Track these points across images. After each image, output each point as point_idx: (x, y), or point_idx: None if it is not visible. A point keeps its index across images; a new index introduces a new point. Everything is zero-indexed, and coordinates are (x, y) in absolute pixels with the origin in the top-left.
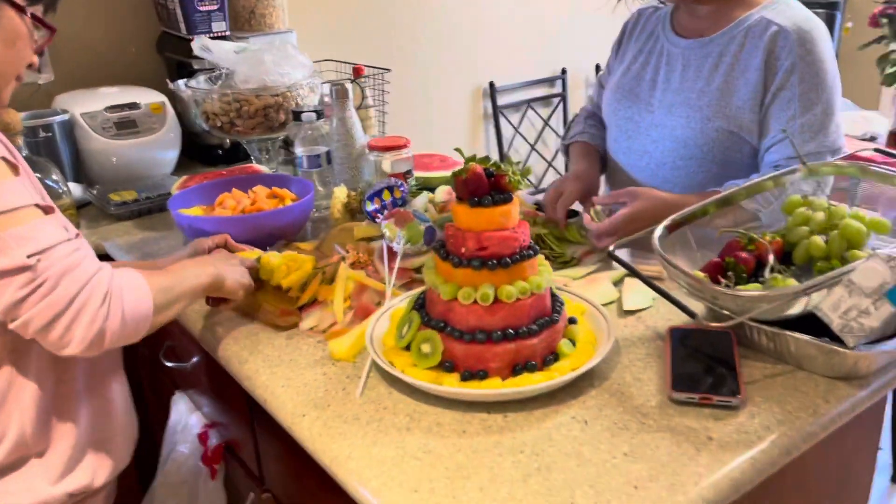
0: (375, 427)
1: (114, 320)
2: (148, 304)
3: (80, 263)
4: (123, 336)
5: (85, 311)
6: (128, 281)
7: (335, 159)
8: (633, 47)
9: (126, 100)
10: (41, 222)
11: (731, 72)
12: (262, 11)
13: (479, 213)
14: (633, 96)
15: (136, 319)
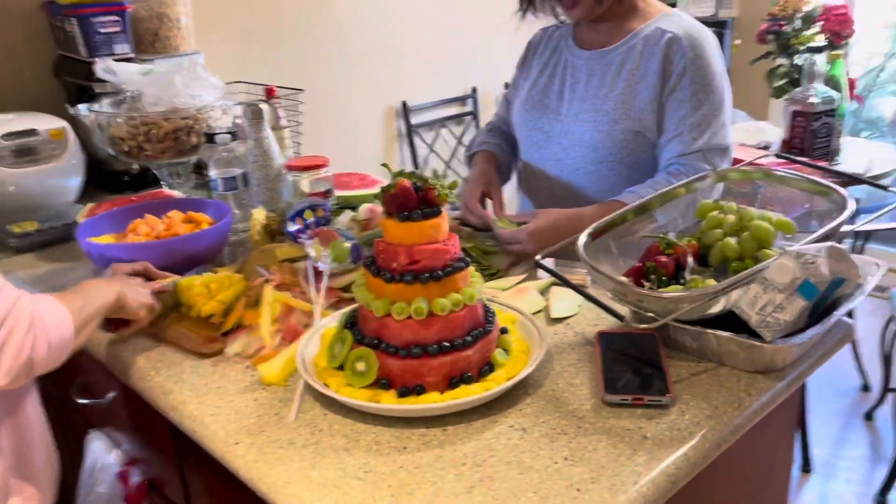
0: (312, 450)
1: (40, 348)
2: (69, 327)
3: (0, 289)
4: (49, 363)
5: (10, 342)
6: (46, 306)
7: (252, 181)
8: (539, 62)
9: (23, 126)
10: None
11: (632, 77)
12: (165, 34)
13: (410, 228)
14: (542, 107)
15: (60, 345)
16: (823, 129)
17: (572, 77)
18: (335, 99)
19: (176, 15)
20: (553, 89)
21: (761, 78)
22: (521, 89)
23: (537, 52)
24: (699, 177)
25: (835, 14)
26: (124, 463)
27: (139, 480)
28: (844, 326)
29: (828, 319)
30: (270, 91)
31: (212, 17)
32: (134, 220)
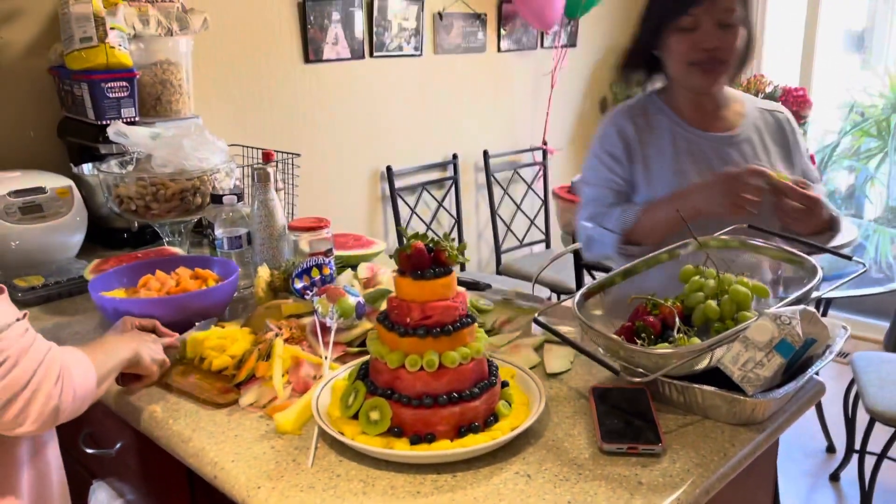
0: (332, 493)
1: (66, 397)
2: (93, 378)
3: (34, 342)
4: (73, 412)
5: (41, 391)
6: (72, 357)
7: (256, 240)
8: (651, 150)
9: (30, 184)
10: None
11: (766, 157)
12: (168, 98)
13: (423, 286)
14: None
15: (84, 395)
16: None
17: (704, 162)
18: (323, 163)
19: (178, 81)
20: (690, 175)
21: None
22: (645, 184)
23: (640, 139)
24: (682, 244)
25: (794, 95)
26: None
27: None
28: (816, 384)
29: (802, 377)
30: (269, 155)
31: (209, 83)
32: (144, 276)
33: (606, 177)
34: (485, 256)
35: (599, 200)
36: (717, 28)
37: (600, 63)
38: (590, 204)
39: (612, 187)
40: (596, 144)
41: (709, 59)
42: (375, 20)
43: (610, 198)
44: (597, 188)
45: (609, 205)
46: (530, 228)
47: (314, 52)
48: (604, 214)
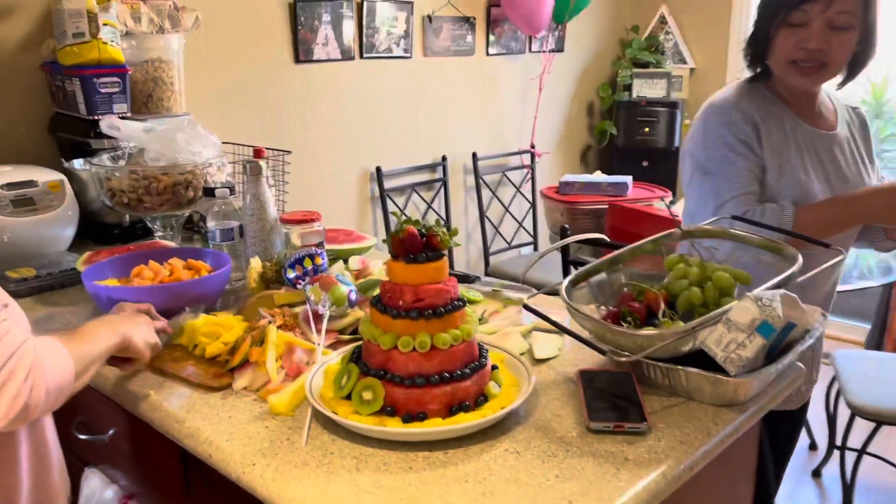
0: (326, 470)
1: (37, 393)
2: (70, 372)
3: (6, 335)
4: (46, 408)
5: (9, 385)
6: (48, 351)
7: (248, 232)
8: (775, 139)
9: (22, 178)
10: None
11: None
12: (159, 95)
13: (415, 269)
14: (841, 181)
15: (58, 390)
16: None
17: (816, 159)
18: (313, 163)
19: (170, 79)
20: (810, 172)
21: None
22: (776, 172)
23: (767, 129)
24: (666, 234)
25: None
26: (123, 497)
27: None
28: (796, 368)
29: (782, 359)
30: (259, 152)
31: (201, 81)
32: (137, 266)
33: (745, 167)
34: (473, 258)
35: (747, 194)
36: (827, 29)
37: (588, 67)
38: (736, 200)
39: (755, 178)
40: (722, 133)
41: (810, 59)
42: (365, 22)
43: (756, 190)
44: (738, 181)
45: (759, 199)
46: (518, 230)
47: (304, 53)
48: (757, 211)
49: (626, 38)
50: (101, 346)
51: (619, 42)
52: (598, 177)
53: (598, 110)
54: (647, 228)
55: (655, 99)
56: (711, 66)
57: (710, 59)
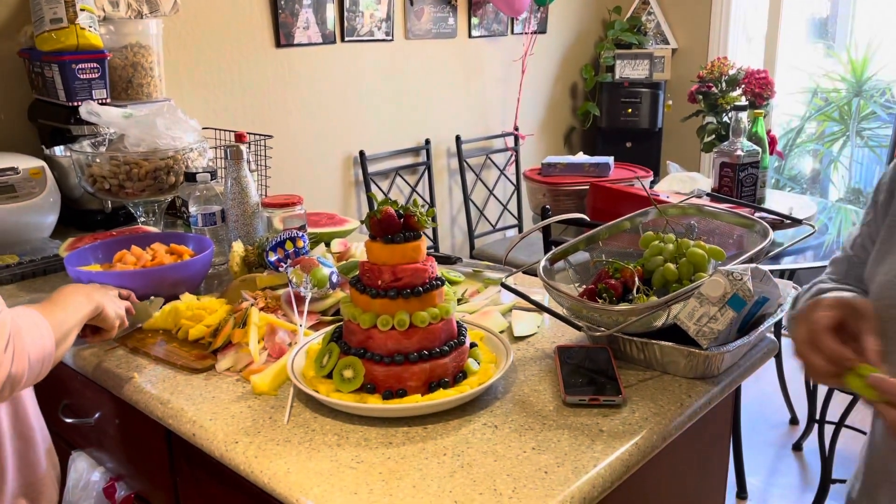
0: (307, 446)
1: (20, 363)
2: (50, 340)
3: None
4: (31, 378)
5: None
6: (26, 321)
7: (230, 217)
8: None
9: (2, 165)
10: None
11: None
12: (139, 81)
13: (393, 249)
14: None
15: (41, 360)
16: (749, 179)
17: None
18: (295, 147)
19: (149, 64)
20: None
21: (692, 134)
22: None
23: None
24: (642, 212)
25: (756, 77)
26: (110, 479)
27: (125, 494)
28: (769, 342)
29: (754, 332)
30: (241, 136)
31: (181, 67)
32: (120, 251)
33: (860, 227)
34: (458, 241)
35: (840, 259)
36: None
37: (570, 49)
38: (832, 258)
39: (862, 244)
40: (884, 175)
41: None
42: (346, 5)
43: (857, 256)
44: (849, 237)
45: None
46: (503, 213)
47: (285, 37)
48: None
49: (609, 20)
50: (78, 314)
51: (602, 23)
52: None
53: (581, 92)
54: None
55: (638, 80)
56: (693, 47)
57: (693, 40)
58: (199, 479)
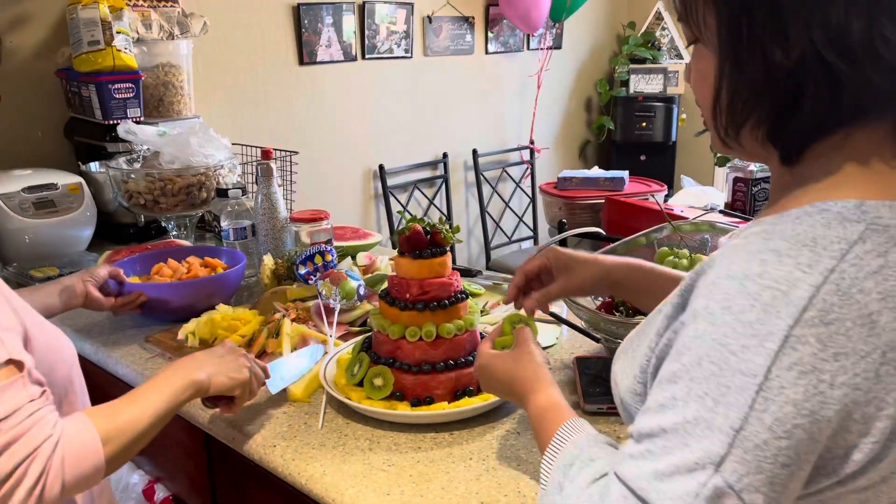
0: (341, 450)
1: (51, 492)
2: (96, 463)
3: (25, 433)
4: (73, 492)
5: (19, 489)
6: (72, 446)
7: (260, 231)
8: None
9: (42, 181)
10: (8, 384)
11: None
12: (170, 99)
13: (421, 264)
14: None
15: (76, 483)
16: (762, 194)
17: None
18: (317, 162)
19: (180, 83)
20: None
21: (706, 148)
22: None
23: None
24: (657, 228)
25: None
26: (149, 481)
27: (164, 496)
28: None
29: None
30: (268, 153)
31: (209, 85)
32: (157, 264)
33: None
34: (474, 253)
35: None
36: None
37: (585, 64)
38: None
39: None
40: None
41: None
42: (367, 23)
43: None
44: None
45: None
46: (518, 225)
47: (308, 55)
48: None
49: (623, 35)
50: (161, 403)
51: (616, 38)
52: (596, 172)
53: (595, 106)
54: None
55: (652, 94)
56: None
57: None
58: (235, 481)
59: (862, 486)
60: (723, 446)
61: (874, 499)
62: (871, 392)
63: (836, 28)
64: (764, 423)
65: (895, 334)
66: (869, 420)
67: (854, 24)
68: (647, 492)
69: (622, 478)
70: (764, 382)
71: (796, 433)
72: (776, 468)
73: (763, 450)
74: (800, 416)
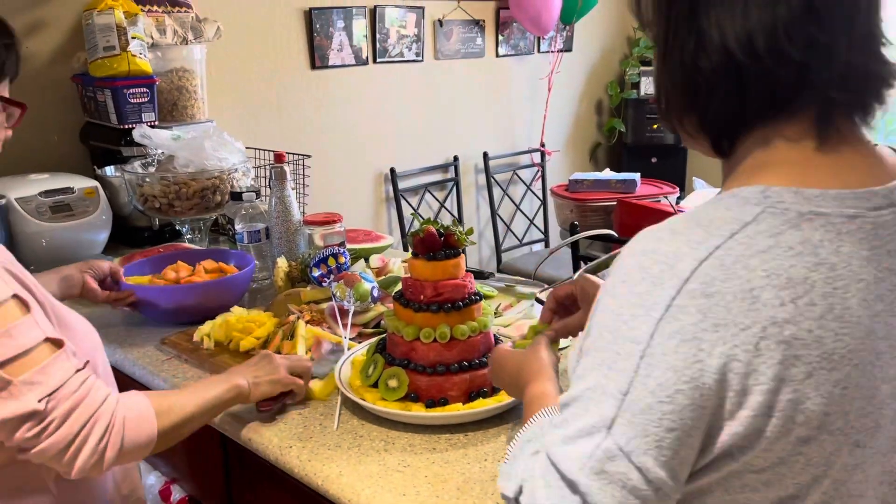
0: (357, 451)
1: (111, 452)
2: (150, 433)
3: (86, 396)
4: (120, 462)
5: (86, 446)
6: (131, 411)
7: (273, 234)
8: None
9: (59, 185)
10: (52, 360)
11: None
12: (183, 104)
13: (435, 266)
14: None
15: (134, 449)
16: None
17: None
18: (329, 165)
19: (193, 87)
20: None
21: None
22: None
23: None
24: None
25: None
26: (165, 482)
27: (181, 497)
28: None
29: None
30: (280, 156)
31: (222, 89)
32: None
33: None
34: (485, 256)
35: None
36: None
37: (596, 66)
38: None
39: None
40: None
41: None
42: (378, 27)
43: None
44: None
45: None
46: (529, 228)
47: (320, 59)
48: None
49: (634, 37)
50: (207, 401)
51: (627, 40)
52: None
53: (606, 108)
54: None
55: None
56: None
57: None
58: (251, 482)
59: (759, 467)
60: (612, 409)
61: (777, 481)
62: (750, 365)
63: (744, 33)
64: (647, 388)
65: (776, 311)
66: (747, 392)
67: (760, 30)
68: (557, 456)
69: (546, 447)
70: (647, 349)
71: (678, 398)
72: (662, 431)
73: (648, 413)
74: (680, 382)
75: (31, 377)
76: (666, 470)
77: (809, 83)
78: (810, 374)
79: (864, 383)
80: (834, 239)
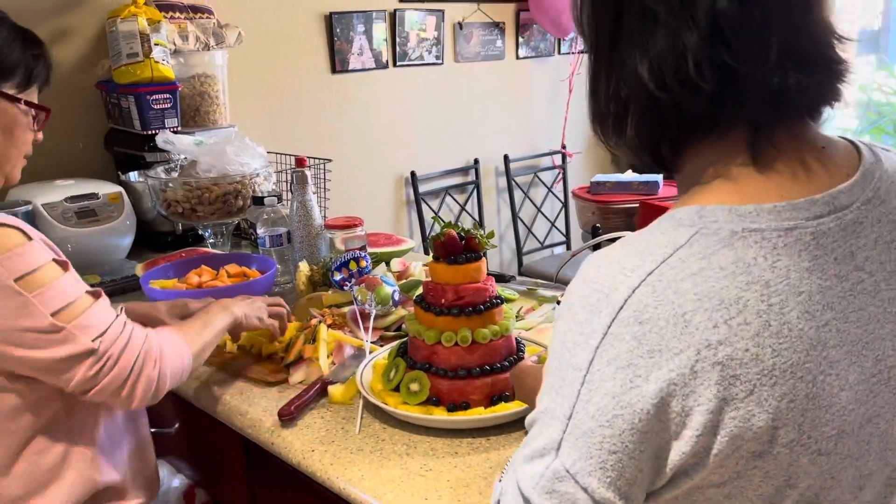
0: (379, 455)
1: (163, 378)
2: (188, 358)
3: (130, 335)
4: (172, 385)
5: (143, 376)
6: (167, 343)
7: (295, 238)
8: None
9: (84, 191)
10: (95, 308)
11: None
12: (206, 109)
13: (456, 270)
14: None
15: (180, 371)
16: None
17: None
18: (350, 169)
19: (215, 93)
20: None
21: None
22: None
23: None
24: None
25: None
26: (189, 485)
27: (204, 500)
28: None
29: None
30: (302, 161)
31: (244, 94)
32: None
33: None
34: (507, 258)
35: None
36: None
37: None
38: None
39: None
40: None
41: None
42: (398, 31)
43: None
44: None
45: None
46: (551, 230)
47: (341, 63)
48: None
49: None
50: (215, 329)
51: None
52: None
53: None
54: None
55: None
56: None
57: None
58: (274, 485)
59: (718, 482)
60: (559, 432)
61: (739, 494)
62: (688, 387)
63: (655, 63)
64: (588, 413)
65: (709, 333)
66: (689, 413)
67: (668, 59)
68: (518, 473)
69: (513, 464)
70: (587, 375)
71: (617, 422)
72: (604, 454)
73: (590, 437)
74: (619, 408)
75: (80, 322)
76: (612, 490)
77: (730, 107)
78: (751, 391)
79: (816, 393)
80: (769, 254)
